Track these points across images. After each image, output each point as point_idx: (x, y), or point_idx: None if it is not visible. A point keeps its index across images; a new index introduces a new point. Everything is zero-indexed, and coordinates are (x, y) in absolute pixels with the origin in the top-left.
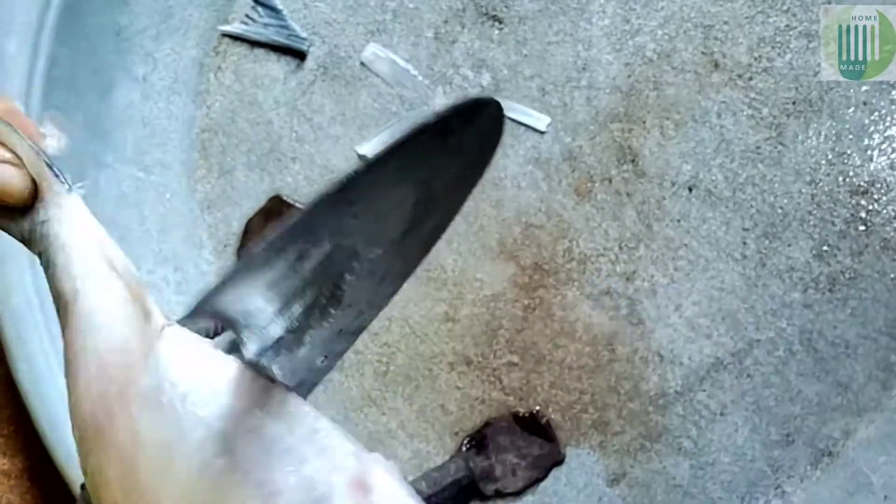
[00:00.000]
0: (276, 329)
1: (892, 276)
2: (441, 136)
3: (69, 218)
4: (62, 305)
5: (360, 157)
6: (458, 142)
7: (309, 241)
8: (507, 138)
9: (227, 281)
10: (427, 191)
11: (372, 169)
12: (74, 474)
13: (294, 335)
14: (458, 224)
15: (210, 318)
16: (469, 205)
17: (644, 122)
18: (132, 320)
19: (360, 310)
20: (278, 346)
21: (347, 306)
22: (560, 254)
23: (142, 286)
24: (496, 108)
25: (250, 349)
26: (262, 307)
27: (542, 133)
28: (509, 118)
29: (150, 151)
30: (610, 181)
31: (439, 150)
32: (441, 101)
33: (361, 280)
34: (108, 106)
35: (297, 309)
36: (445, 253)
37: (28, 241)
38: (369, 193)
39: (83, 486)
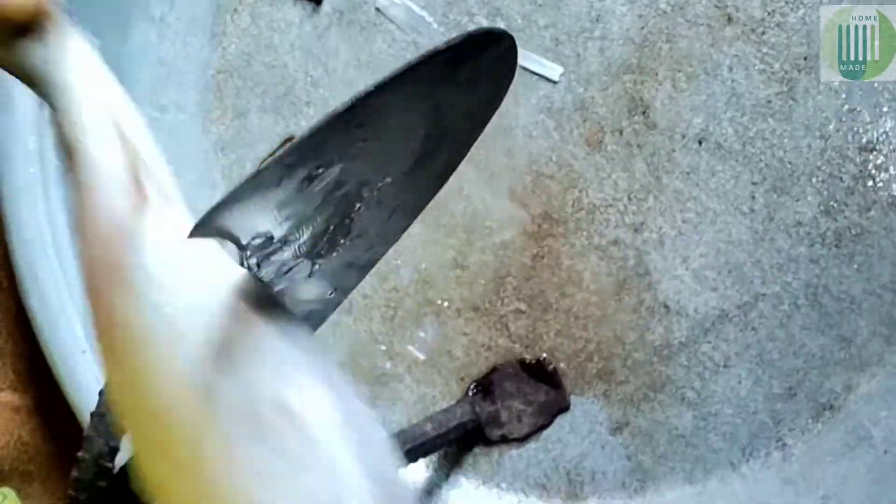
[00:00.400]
0: (284, 254)
1: None
2: (452, 65)
3: (74, 61)
4: (67, 149)
5: None
6: (470, 74)
7: (318, 160)
8: (519, 87)
9: (235, 196)
10: (437, 123)
11: (381, 90)
12: (84, 407)
13: (302, 262)
14: (468, 171)
15: (214, 235)
16: (480, 152)
17: (656, 74)
18: (126, 192)
19: (370, 242)
20: (285, 272)
21: (356, 237)
22: (569, 203)
23: (143, 156)
24: (509, 41)
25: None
26: (269, 229)
27: (554, 83)
28: (522, 67)
29: (166, 91)
30: (621, 132)
31: (450, 79)
32: None
33: (371, 210)
34: (124, 45)
35: (305, 234)
36: (456, 200)
37: (30, 80)
38: (378, 116)
39: (92, 415)
